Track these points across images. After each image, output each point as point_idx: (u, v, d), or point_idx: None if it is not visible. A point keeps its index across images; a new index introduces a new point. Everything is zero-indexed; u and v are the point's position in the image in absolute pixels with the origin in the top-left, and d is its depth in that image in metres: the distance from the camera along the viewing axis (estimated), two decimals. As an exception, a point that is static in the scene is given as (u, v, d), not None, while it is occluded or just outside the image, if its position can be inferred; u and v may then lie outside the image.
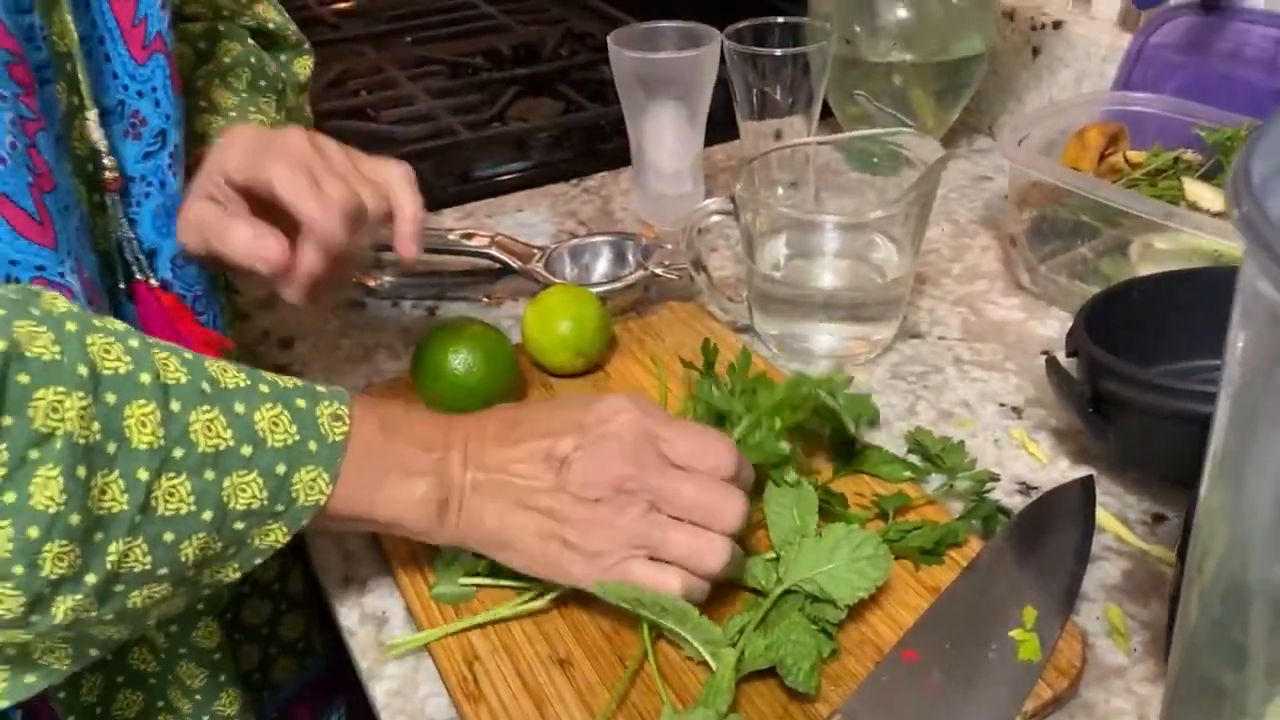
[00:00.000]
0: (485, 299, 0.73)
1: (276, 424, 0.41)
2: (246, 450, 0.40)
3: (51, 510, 0.35)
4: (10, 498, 0.34)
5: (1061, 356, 0.57)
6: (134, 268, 0.49)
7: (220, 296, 0.54)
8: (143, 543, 0.38)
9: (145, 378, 0.38)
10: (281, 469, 0.40)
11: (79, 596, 0.36)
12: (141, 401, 0.37)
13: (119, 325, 0.39)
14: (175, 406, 0.38)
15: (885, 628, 0.47)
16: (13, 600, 0.35)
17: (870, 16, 0.83)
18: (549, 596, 0.48)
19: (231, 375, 0.41)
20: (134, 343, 0.38)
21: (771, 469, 0.51)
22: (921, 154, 0.65)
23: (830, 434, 0.57)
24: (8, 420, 0.34)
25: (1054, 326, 0.69)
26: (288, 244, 0.47)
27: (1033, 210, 0.71)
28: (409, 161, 0.52)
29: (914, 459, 0.57)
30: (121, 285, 0.49)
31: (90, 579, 0.36)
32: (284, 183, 0.46)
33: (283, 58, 0.65)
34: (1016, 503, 0.54)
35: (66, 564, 0.35)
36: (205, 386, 0.40)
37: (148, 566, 0.38)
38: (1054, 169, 0.68)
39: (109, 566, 0.36)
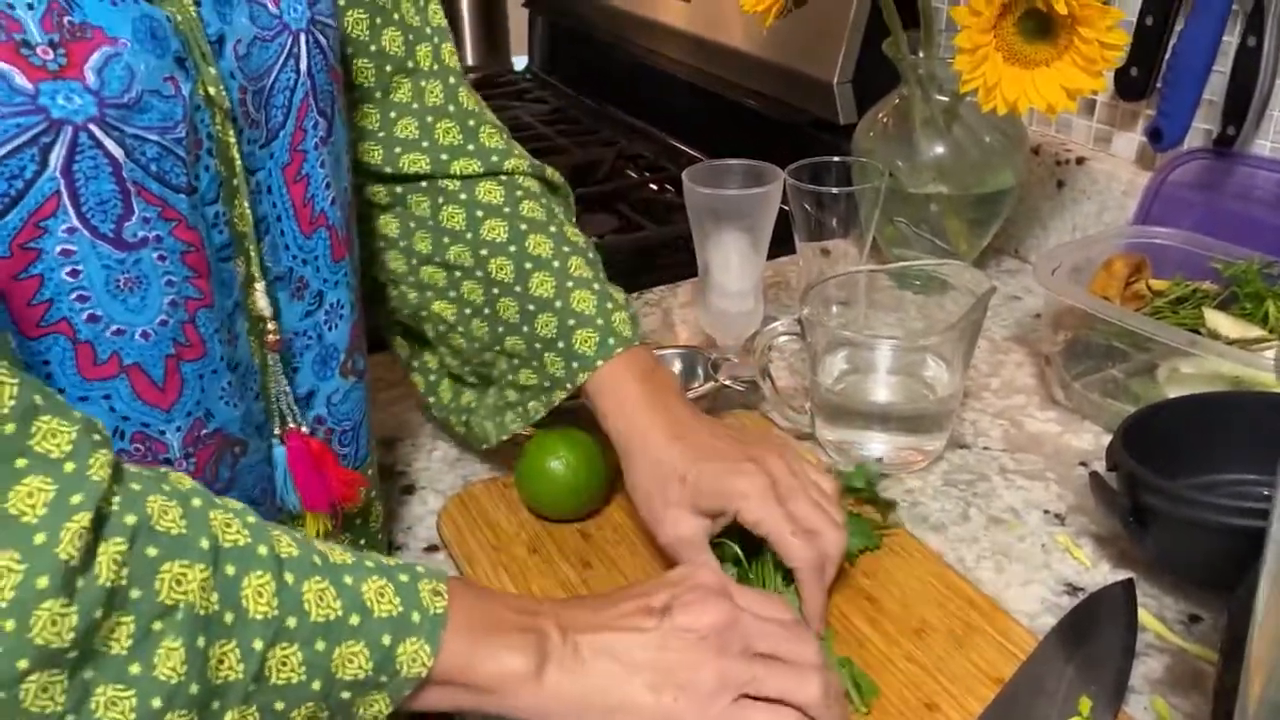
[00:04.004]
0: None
1: (382, 595, 0.44)
2: (355, 620, 0.43)
3: (173, 681, 0.37)
4: (135, 669, 0.37)
5: (1101, 469, 0.64)
6: (289, 416, 0.55)
7: (366, 428, 0.61)
8: (255, 711, 0.40)
9: (262, 550, 0.41)
10: (387, 640, 0.43)
11: None
12: (258, 573, 0.41)
13: (237, 504, 0.43)
14: (289, 578, 0.41)
15: (958, 716, 0.53)
16: None
17: (911, 153, 0.91)
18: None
19: (338, 553, 0.45)
20: (251, 519, 0.42)
21: None
22: (963, 281, 0.72)
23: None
24: (135, 593, 0.37)
25: (1088, 439, 0.76)
26: None
27: (1066, 333, 0.78)
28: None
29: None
30: (276, 431, 0.55)
31: None
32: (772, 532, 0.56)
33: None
34: (1064, 603, 0.60)
35: None
36: (316, 559, 0.43)
37: None
38: (1088, 298, 0.76)
39: None
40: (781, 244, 0.86)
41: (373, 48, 0.63)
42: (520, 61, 1.74)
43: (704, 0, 1.22)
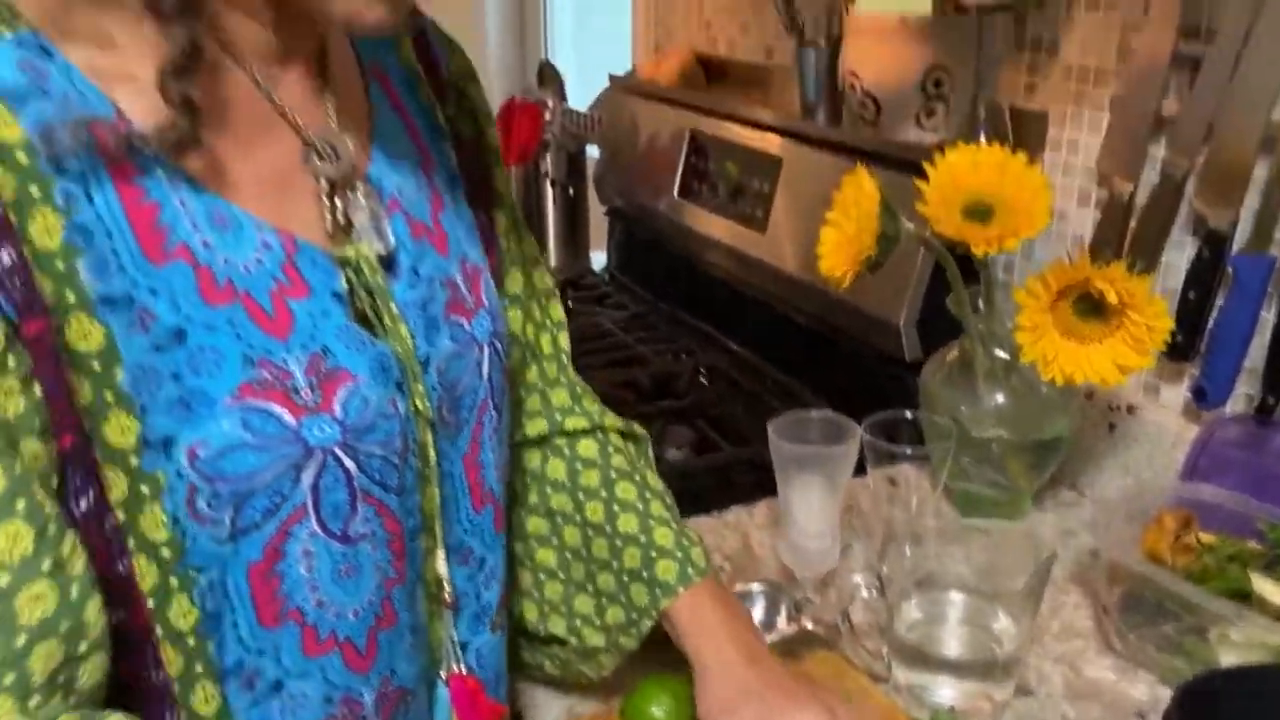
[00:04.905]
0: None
1: None
2: None
3: None
4: None
5: (1159, 731, 0.70)
6: (453, 663, 0.63)
7: (505, 677, 0.69)
8: None
9: None
10: None
11: None
12: None
13: None
14: None
15: None
16: None
17: (974, 399, 1.00)
18: None
19: None
20: None
21: None
22: (1026, 540, 0.80)
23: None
24: None
25: (1143, 689, 0.81)
26: None
27: (1122, 587, 0.85)
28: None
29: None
30: (441, 675, 0.63)
31: None
32: None
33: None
34: None
35: None
36: None
37: None
38: (1142, 563, 0.83)
39: None
40: (859, 472, 0.94)
41: (521, 339, 0.74)
42: (599, 258, 1.88)
43: (777, 232, 1.34)
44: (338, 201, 0.57)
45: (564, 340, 0.79)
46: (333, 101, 0.59)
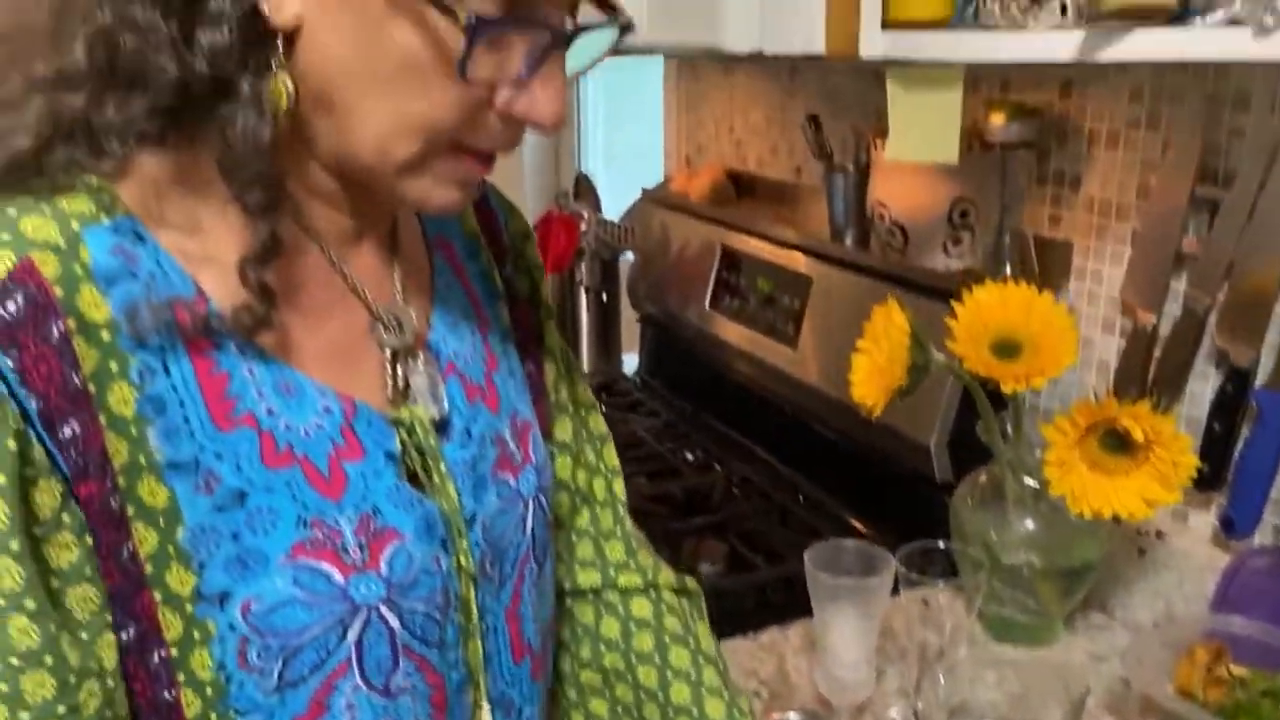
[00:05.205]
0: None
1: None
2: None
3: None
4: None
5: None
6: None
7: None
8: None
9: None
10: None
11: None
12: None
13: None
14: None
15: None
16: None
17: (1004, 525, 1.02)
18: None
19: None
20: None
21: None
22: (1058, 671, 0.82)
23: None
24: None
25: (1181, 827, 0.82)
26: None
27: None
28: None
29: None
30: None
31: None
32: None
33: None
34: None
35: None
36: None
37: None
38: (1174, 700, 0.84)
39: None
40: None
41: (571, 486, 0.77)
42: (630, 360, 1.92)
43: (807, 348, 1.37)
44: (399, 368, 0.61)
45: (619, 487, 0.80)
46: (400, 273, 0.63)
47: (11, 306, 0.47)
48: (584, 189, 1.89)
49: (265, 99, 0.50)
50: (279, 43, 0.50)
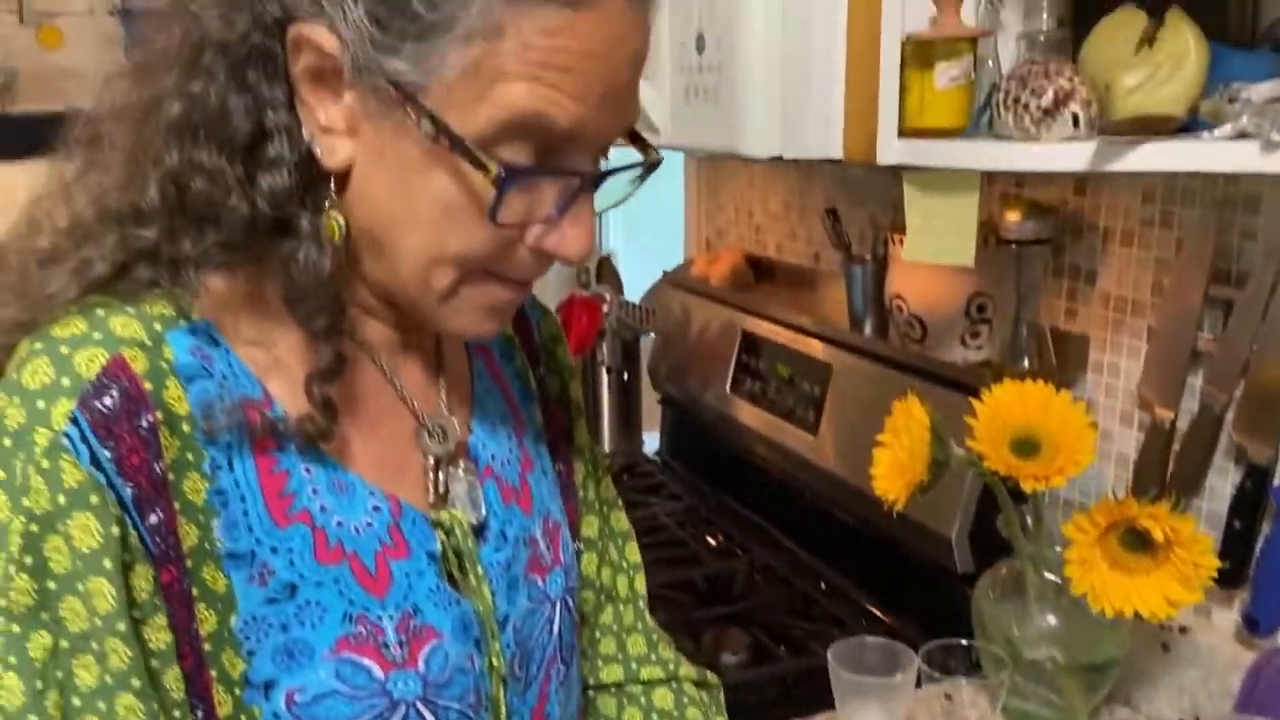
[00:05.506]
0: None
1: None
2: None
3: None
4: None
5: None
6: None
7: None
8: None
9: None
10: None
11: None
12: None
13: None
14: None
15: None
16: None
17: (1025, 620, 1.02)
18: None
19: None
20: None
21: None
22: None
23: None
24: None
25: None
26: None
27: (1183, 826, 0.86)
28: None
29: None
30: None
31: None
32: None
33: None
34: None
35: None
36: None
37: None
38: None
39: None
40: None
41: (596, 583, 0.79)
42: (651, 440, 1.94)
43: (828, 435, 1.39)
44: (440, 474, 0.64)
45: (640, 583, 0.82)
46: (444, 384, 0.66)
47: (108, 400, 0.51)
48: (606, 270, 1.93)
49: (323, 234, 0.54)
50: (331, 183, 0.54)
